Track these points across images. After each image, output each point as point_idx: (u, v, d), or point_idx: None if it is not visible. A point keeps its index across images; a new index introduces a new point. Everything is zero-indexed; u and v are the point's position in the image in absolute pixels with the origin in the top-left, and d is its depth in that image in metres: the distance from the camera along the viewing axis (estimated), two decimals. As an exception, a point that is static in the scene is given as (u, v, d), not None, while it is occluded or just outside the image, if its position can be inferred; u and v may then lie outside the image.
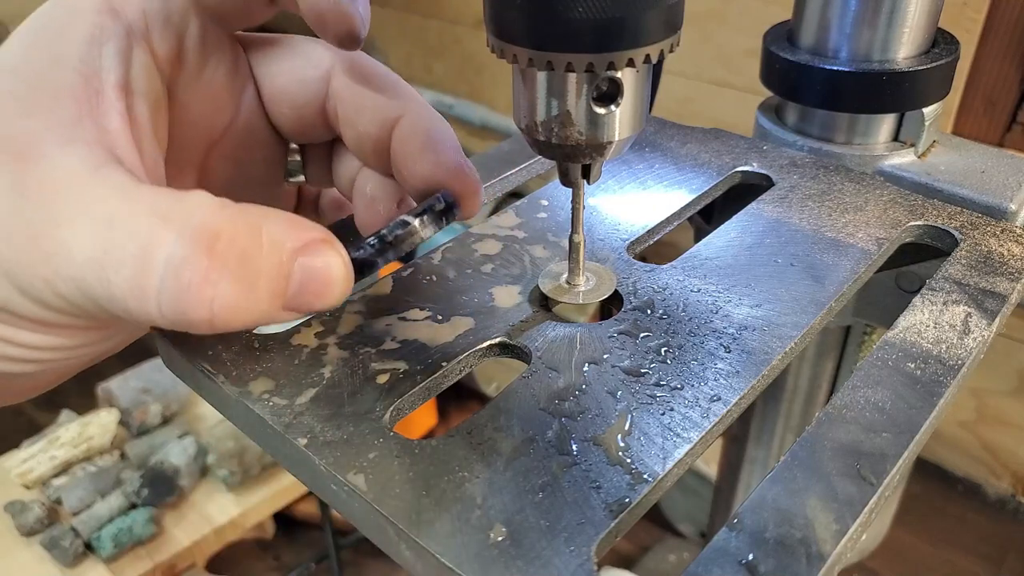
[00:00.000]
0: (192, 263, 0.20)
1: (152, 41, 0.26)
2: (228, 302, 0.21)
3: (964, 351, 0.29)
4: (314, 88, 0.30)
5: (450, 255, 0.36)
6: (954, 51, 0.42)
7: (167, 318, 0.21)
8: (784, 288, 0.32)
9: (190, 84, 0.28)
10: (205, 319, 0.21)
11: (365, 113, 0.29)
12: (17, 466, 1.16)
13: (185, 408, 1.29)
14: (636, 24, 0.24)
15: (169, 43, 0.26)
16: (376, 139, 0.29)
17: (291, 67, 0.30)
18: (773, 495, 0.24)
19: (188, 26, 0.27)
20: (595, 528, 0.23)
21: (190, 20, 0.27)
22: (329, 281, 0.22)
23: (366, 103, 0.29)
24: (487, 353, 0.31)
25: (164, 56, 0.26)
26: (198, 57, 0.28)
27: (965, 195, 0.40)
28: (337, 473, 0.25)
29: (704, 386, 0.28)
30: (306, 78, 0.30)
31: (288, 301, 0.22)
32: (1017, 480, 1.26)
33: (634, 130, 0.27)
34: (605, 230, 0.37)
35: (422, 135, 0.28)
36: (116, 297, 0.21)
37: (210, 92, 0.29)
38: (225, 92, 0.29)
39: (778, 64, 0.43)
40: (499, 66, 1.23)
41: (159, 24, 0.26)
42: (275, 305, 0.22)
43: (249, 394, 0.28)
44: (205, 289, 0.21)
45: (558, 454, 0.25)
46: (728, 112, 1.20)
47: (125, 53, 0.24)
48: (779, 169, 0.41)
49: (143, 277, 0.21)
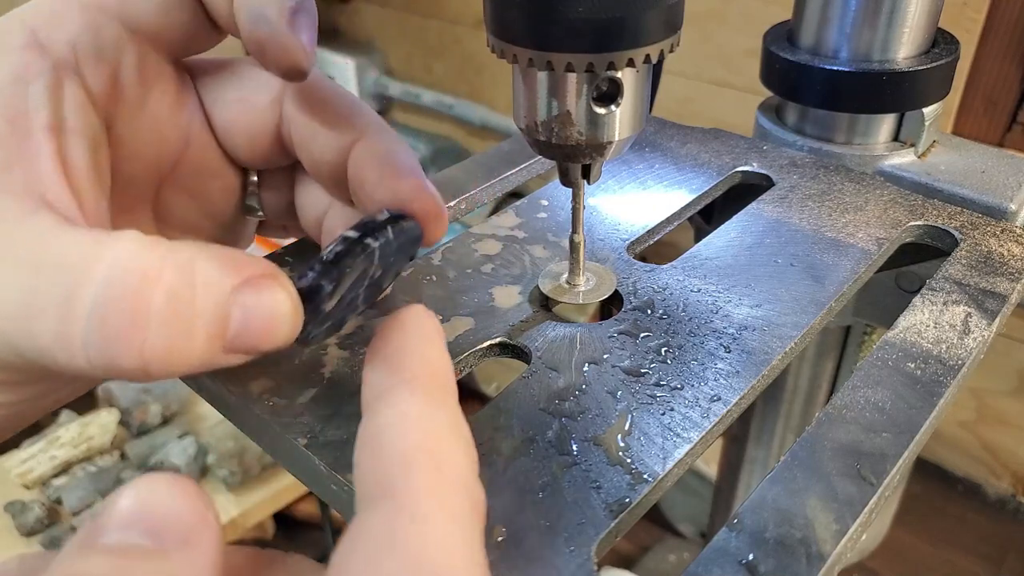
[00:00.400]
0: (118, 308, 0.19)
1: (84, 76, 0.24)
2: (160, 348, 0.19)
3: (964, 351, 0.29)
4: (266, 114, 0.28)
5: (450, 255, 0.36)
6: (954, 51, 0.42)
7: (97, 367, 0.20)
8: (784, 288, 0.32)
9: (132, 117, 0.26)
10: (137, 367, 0.19)
11: (319, 138, 0.27)
12: (17, 466, 1.16)
13: (185, 408, 1.29)
14: (636, 24, 0.24)
15: (103, 77, 0.25)
16: (333, 165, 0.28)
17: (241, 93, 0.28)
18: (773, 495, 0.24)
19: (123, 57, 0.25)
20: (595, 528, 0.23)
21: (125, 51, 0.25)
22: (274, 318, 0.21)
23: (320, 128, 0.27)
24: (487, 353, 0.31)
25: (99, 90, 0.25)
26: (137, 89, 0.26)
27: (965, 195, 0.40)
28: (337, 473, 0.25)
29: (704, 386, 0.28)
30: (257, 103, 0.28)
31: (230, 343, 0.20)
32: (1017, 480, 1.26)
33: (634, 130, 0.27)
34: (605, 230, 0.37)
35: (379, 159, 0.26)
36: (42, 348, 0.20)
37: (155, 124, 0.27)
38: (171, 123, 0.28)
39: (778, 64, 0.43)
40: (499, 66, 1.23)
41: (90, 57, 0.24)
42: (214, 348, 0.20)
43: (249, 394, 0.28)
44: (134, 335, 0.19)
45: (558, 454, 0.25)
46: (728, 112, 1.20)
47: (54, 90, 0.23)
48: (779, 169, 0.41)
49: (68, 325, 0.19)
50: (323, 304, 0.23)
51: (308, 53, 0.24)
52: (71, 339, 0.19)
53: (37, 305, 0.20)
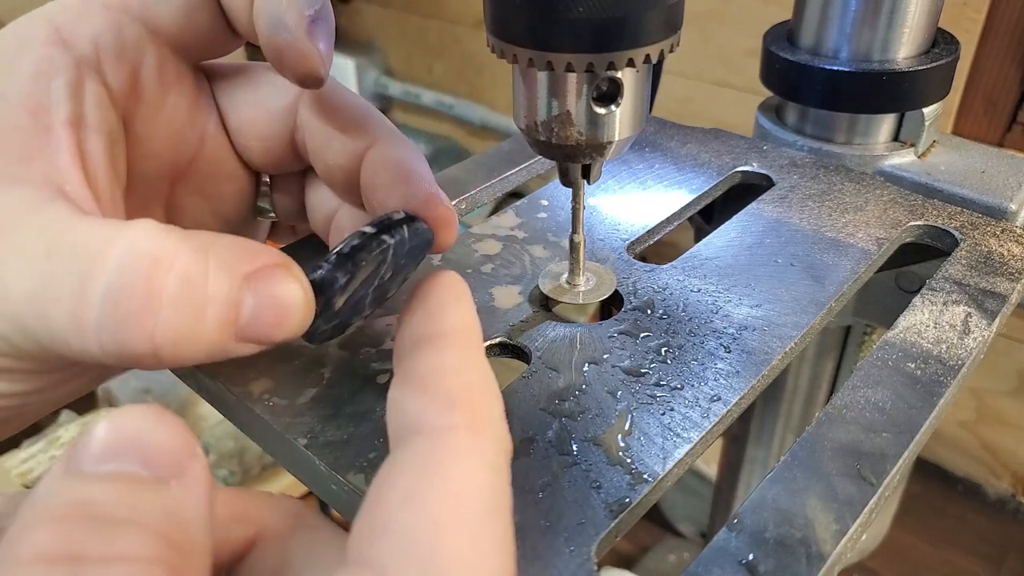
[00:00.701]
0: (130, 292, 0.19)
1: (105, 74, 0.25)
2: (172, 333, 0.19)
3: (964, 351, 0.29)
4: (281, 119, 0.29)
5: (450, 255, 0.36)
6: (954, 51, 0.42)
7: (109, 353, 0.20)
8: (784, 288, 0.32)
9: (150, 117, 0.27)
10: (148, 352, 0.20)
11: (334, 144, 0.28)
12: (17, 466, 1.16)
13: (185, 408, 1.28)
14: (636, 24, 0.24)
15: (123, 75, 0.25)
16: (346, 171, 0.28)
17: (256, 98, 0.29)
18: (773, 495, 0.24)
19: (144, 58, 0.26)
20: (595, 528, 0.23)
21: (146, 52, 0.26)
22: (286, 308, 0.21)
23: (334, 134, 0.28)
24: (487, 353, 0.31)
25: (118, 89, 0.25)
26: (156, 89, 0.27)
27: (965, 195, 0.40)
28: (337, 473, 0.25)
29: (704, 386, 0.28)
30: (272, 108, 0.29)
31: (241, 331, 0.20)
32: (1017, 480, 1.26)
33: (634, 130, 0.27)
34: (605, 230, 0.37)
35: (392, 166, 0.27)
36: (56, 333, 0.20)
37: (172, 125, 0.28)
38: (188, 125, 0.28)
39: (778, 64, 0.43)
40: (499, 66, 1.23)
41: (112, 56, 0.25)
42: (226, 335, 0.20)
43: (249, 394, 0.28)
44: (145, 318, 0.19)
45: (558, 454, 0.25)
46: (728, 112, 1.20)
47: (76, 86, 0.23)
48: (779, 169, 0.41)
49: (81, 310, 0.19)
50: (335, 297, 0.23)
51: (325, 60, 0.24)
52: (84, 324, 0.20)
53: (52, 290, 0.20)
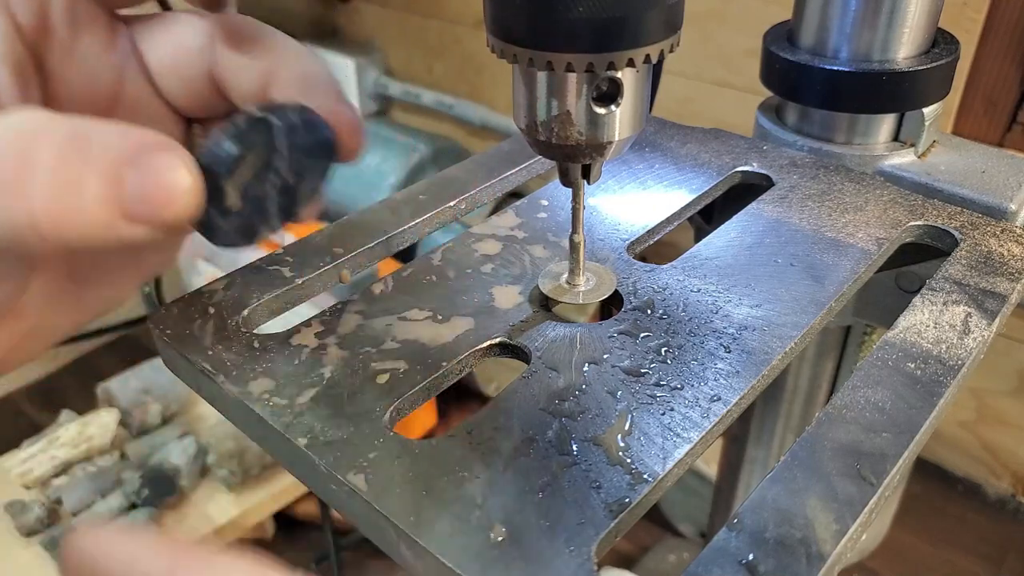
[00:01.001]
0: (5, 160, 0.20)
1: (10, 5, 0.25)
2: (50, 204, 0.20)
3: (964, 351, 0.29)
4: (199, 57, 0.29)
5: (450, 255, 0.36)
6: (954, 51, 0.42)
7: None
8: (784, 288, 0.32)
9: (63, 57, 0.28)
10: (26, 223, 0.20)
11: (244, 73, 0.29)
12: (17, 466, 1.16)
13: (185, 408, 1.29)
14: (636, 24, 0.24)
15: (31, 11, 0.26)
16: (257, 95, 0.29)
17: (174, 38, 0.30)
18: (773, 495, 0.24)
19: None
20: (595, 528, 0.23)
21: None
22: (171, 185, 0.21)
23: (244, 61, 0.29)
24: (487, 353, 0.31)
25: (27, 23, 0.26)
26: (67, 28, 0.27)
27: (965, 195, 0.40)
28: (337, 473, 0.25)
29: (704, 386, 0.28)
30: (190, 47, 0.29)
31: (127, 210, 0.21)
32: (1017, 480, 1.26)
33: (634, 130, 0.27)
34: (605, 230, 0.37)
35: (296, 83, 0.28)
36: None
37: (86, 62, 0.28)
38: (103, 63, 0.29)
39: (778, 64, 0.43)
40: (499, 66, 1.23)
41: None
42: (111, 212, 0.21)
43: (249, 394, 0.28)
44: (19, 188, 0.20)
45: (558, 454, 0.25)
46: (728, 112, 1.20)
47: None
48: (779, 169, 0.41)
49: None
50: (223, 182, 0.23)
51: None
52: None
53: None
